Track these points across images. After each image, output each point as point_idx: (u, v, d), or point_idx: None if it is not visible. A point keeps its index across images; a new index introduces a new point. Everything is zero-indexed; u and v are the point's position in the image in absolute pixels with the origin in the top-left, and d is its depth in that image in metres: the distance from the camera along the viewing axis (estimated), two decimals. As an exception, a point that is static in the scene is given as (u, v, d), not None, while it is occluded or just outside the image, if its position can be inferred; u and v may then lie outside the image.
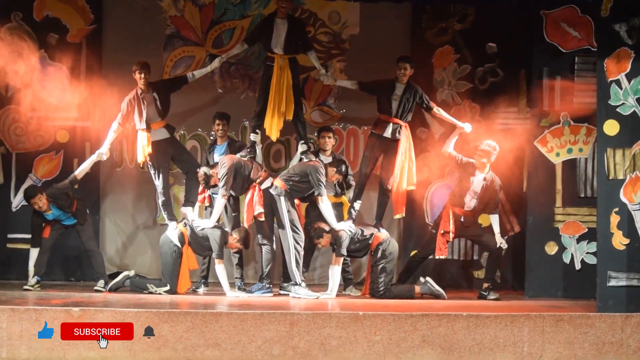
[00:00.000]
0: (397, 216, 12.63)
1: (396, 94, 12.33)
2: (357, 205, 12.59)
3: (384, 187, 12.59)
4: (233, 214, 12.52)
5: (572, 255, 12.40)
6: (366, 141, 13.12)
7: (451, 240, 12.42)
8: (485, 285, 12.35)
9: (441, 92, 13.28)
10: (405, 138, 12.37)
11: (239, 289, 12.22)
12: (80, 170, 12.51)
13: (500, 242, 12.33)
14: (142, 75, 12.21)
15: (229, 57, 12.76)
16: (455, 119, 12.47)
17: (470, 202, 12.34)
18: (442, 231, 12.38)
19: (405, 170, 12.35)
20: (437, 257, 12.46)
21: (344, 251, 11.92)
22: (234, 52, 12.77)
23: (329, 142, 12.60)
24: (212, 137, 13.32)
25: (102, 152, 12.41)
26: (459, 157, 12.40)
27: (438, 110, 12.47)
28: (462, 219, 12.38)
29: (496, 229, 12.37)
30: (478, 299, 12.13)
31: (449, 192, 12.65)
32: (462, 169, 12.40)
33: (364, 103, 13.40)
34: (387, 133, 12.40)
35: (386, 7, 12.92)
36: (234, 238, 11.97)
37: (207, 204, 12.67)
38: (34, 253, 12.39)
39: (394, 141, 12.37)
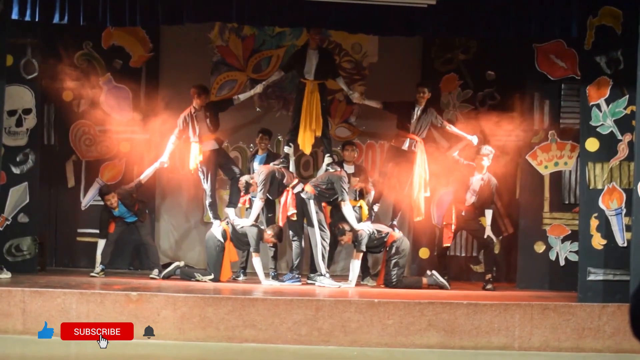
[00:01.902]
0: (417, 218, 12.63)
1: (415, 114, 12.37)
2: (376, 207, 12.62)
3: (399, 193, 12.61)
4: (269, 215, 12.56)
5: (557, 253, 12.37)
6: (385, 153, 13.15)
7: (453, 230, 12.43)
8: (488, 276, 12.33)
9: (447, 113, 13.27)
10: (420, 152, 12.40)
11: (273, 278, 12.24)
12: (145, 176, 12.62)
13: (489, 233, 12.35)
14: (201, 99, 12.32)
15: (268, 83, 12.85)
16: (464, 133, 12.50)
17: (470, 199, 12.40)
18: (444, 222, 12.48)
19: (422, 179, 12.39)
20: (444, 245, 12.51)
21: (363, 247, 11.94)
22: (273, 79, 12.84)
23: (351, 154, 12.65)
24: (251, 149, 13.34)
25: (164, 161, 12.52)
26: (461, 161, 12.45)
27: (450, 127, 12.52)
28: (463, 213, 12.43)
29: (488, 222, 12.39)
30: (483, 290, 12.10)
31: (454, 190, 12.70)
32: (464, 170, 12.44)
33: (380, 121, 13.45)
34: (405, 146, 12.43)
35: (401, 40, 12.93)
36: (269, 234, 12.01)
37: (247, 205, 12.70)
38: (101, 243, 12.47)
39: (410, 153, 12.40)
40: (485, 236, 12.37)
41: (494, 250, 12.73)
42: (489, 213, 12.44)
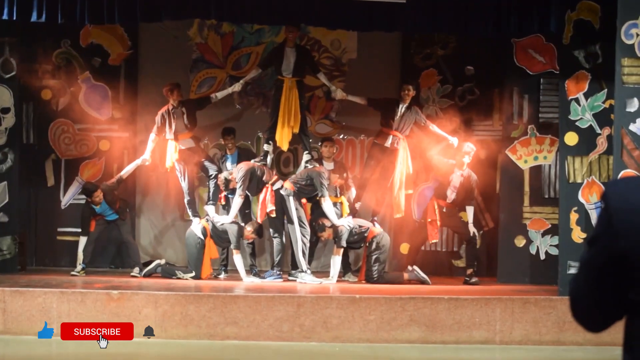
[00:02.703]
0: (397, 215, 12.64)
1: (399, 111, 12.38)
2: (358, 205, 12.63)
3: (381, 189, 12.63)
4: (246, 211, 12.54)
5: (537, 247, 12.39)
6: (367, 150, 13.14)
7: (438, 226, 12.46)
8: (469, 271, 12.36)
9: (426, 108, 13.28)
10: (403, 149, 12.41)
11: (254, 275, 12.23)
12: (126, 172, 12.63)
13: (473, 230, 12.39)
14: (175, 95, 12.31)
15: (246, 80, 12.81)
16: (446, 134, 12.49)
17: (451, 195, 12.41)
18: (429, 219, 12.48)
19: (403, 177, 12.40)
20: (430, 242, 12.55)
21: (343, 243, 11.94)
22: (251, 76, 12.79)
23: (330, 150, 12.62)
24: (221, 138, 13.24)
25: (146, 158, 12.52)
26: (442, 160, 12.46)
27: (433, 127, 12.50)
28: (444, 210, 12.44)
29: (470, 219, 12.42)
30: (464, 284, 12.11)
31: (435, 187, 12.72)
32: (445, 168, 12.45)
33: (360, 117, 13.46)
34: (387, 143, 12.44)
35: (380, 36, 12.94)
36: (249, 230, 12.00)
37: (223, 202, 12.68)
38: (83, 240, 12.41)
39: (393, 151, 12.41)
40: (471, 233, 12.39)
41: (476, 246, 12.74)
42: (470, 209, 12.45)
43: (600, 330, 2.71)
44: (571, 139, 11.02)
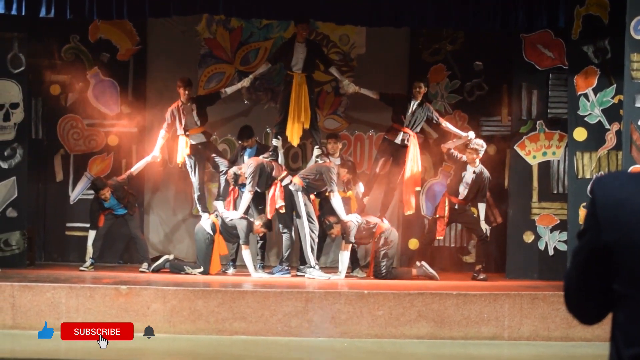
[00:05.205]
0: (408, 212, 12.62)
1: (410, 108, 12.35)
2: (365, 200, 12.62)
3: (390, 185, 12.62)
4: (259, 207, 12.52)
5: (546, 243, 12.37)
6: (377, 145, 13.13)
7: (446, 223, 12.42)
8: (477, 267, 12.32)
9: (435, 104, 13.26)
10: (413, 146, 12.38)
11: (258, 269, 12.17)
12: (136, 168, 12.63)
13: (485, 228, 12.35)
14: (186, 91, 12.29)
15: (255, 75, 12.78)
16: (460, 131, 12.47)
17: (463, 192, 12.33)
18: (437, 215, 12.45)
19: (413, 174, 12.38)
20: (437, 238, 12.53)
21: (352, 239, 11.94)
22: (260, 71, 12.77)
23: (335, 147, 12.60)
24: (240, 142, 13.29)
25: (156, 155, 12.51)
26: (456, 155, 12.40)
27: (446, 124, 12.48)
28: (456, 207, 12.39)
29: (482, 216, 12.38)
30: (472, 280, 12.09)
31: (447, 184, 12.69)
32: (458, 164, 12.41)
33: (369, 112, 13.45)
34: (397, 140, 12.42)
35: (388, 31, 12.93)
36: (258, 224, 12.01)
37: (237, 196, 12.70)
38: (92, 234, 12.42)
39: (403, 147, 12.39)
40: (484, 230, 12.34)
41: (486, 242, 12.70)
42: (482, 207, 12.39)
43: (592, 323, 2.80)
44: (580, 134, 11.01)
